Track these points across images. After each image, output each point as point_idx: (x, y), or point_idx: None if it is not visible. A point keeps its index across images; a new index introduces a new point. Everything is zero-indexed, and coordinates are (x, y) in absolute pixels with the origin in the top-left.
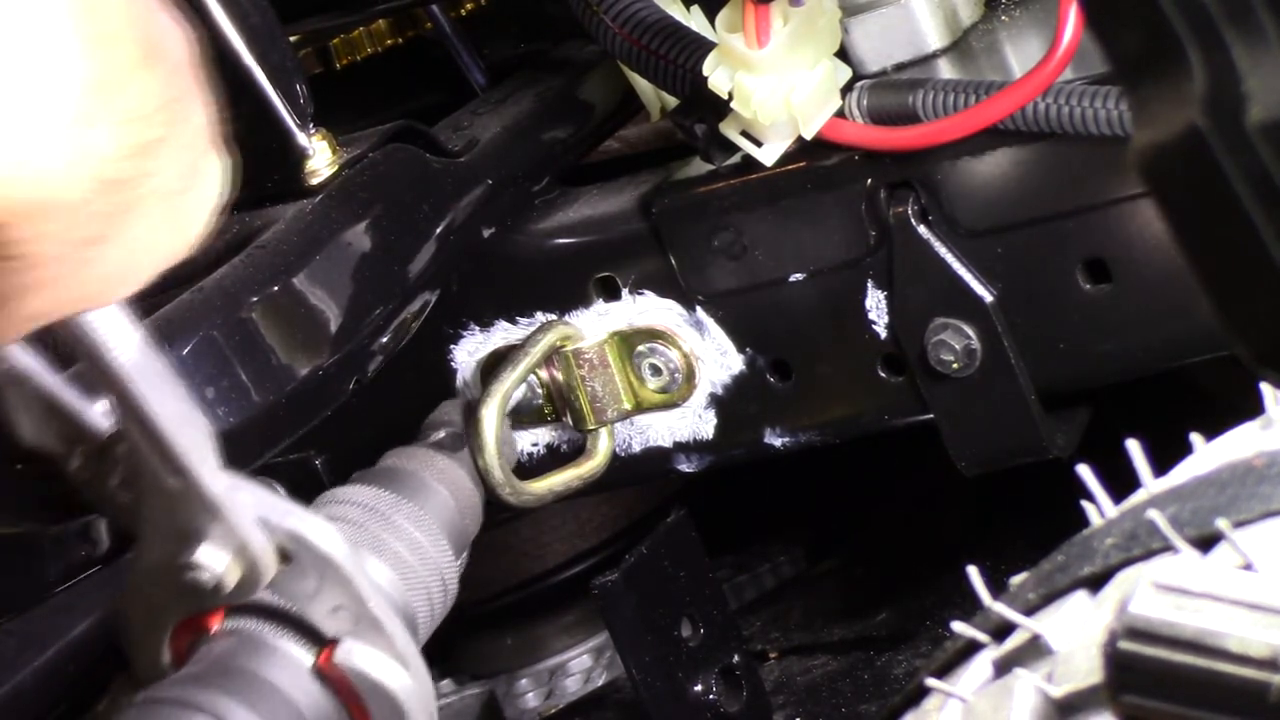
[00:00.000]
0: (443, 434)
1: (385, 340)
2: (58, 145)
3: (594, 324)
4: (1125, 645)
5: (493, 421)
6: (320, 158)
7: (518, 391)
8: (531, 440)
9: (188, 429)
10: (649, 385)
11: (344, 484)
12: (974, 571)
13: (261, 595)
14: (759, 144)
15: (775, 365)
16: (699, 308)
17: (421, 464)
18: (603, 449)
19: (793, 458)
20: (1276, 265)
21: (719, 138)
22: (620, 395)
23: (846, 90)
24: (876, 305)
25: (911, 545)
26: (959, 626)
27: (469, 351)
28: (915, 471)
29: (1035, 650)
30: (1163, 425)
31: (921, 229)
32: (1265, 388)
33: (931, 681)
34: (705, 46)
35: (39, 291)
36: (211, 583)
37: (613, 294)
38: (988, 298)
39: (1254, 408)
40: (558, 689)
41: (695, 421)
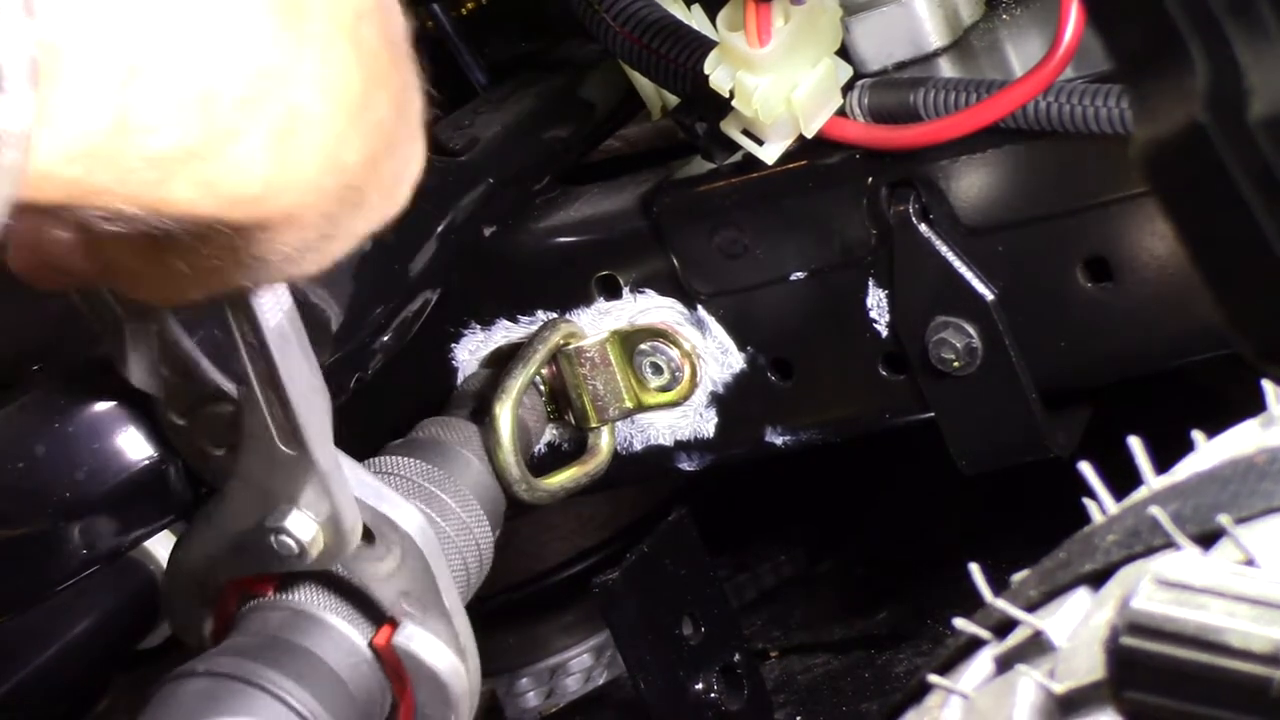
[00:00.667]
0: (475, 405)
1: (386, 339)
2: (318, 159)
3: (595, 322)
4: (1127, 641)
5: (508, 418)
6: None
7: None
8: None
9: (315, 399)
10: (650, 384)
11: (382, 453)
12: (975, 569)
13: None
14: (760, 142)
15: (776, 364)
16: (700, 306)
17: (456, 434)
18: (605, 446)
19: (793, 457)
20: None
21: (720, 136)
22: (622, 394)
23: (847, 89)
24: (877, 304)
25: (911, 544)
26: (961, 623)
27: (470, 350)
28: (915, 471)
29: (1037, 647)
30: (1164, 422)
31: (922, 227)
32: (1267, 384)
33: (933, 678)
34: (706, 45)
35: (251, 273)
36: (295, 549)
37: (614, 292)
38: (989, 296)
39: (1256, 404)
40: (558, 688)
41: (696, 420)
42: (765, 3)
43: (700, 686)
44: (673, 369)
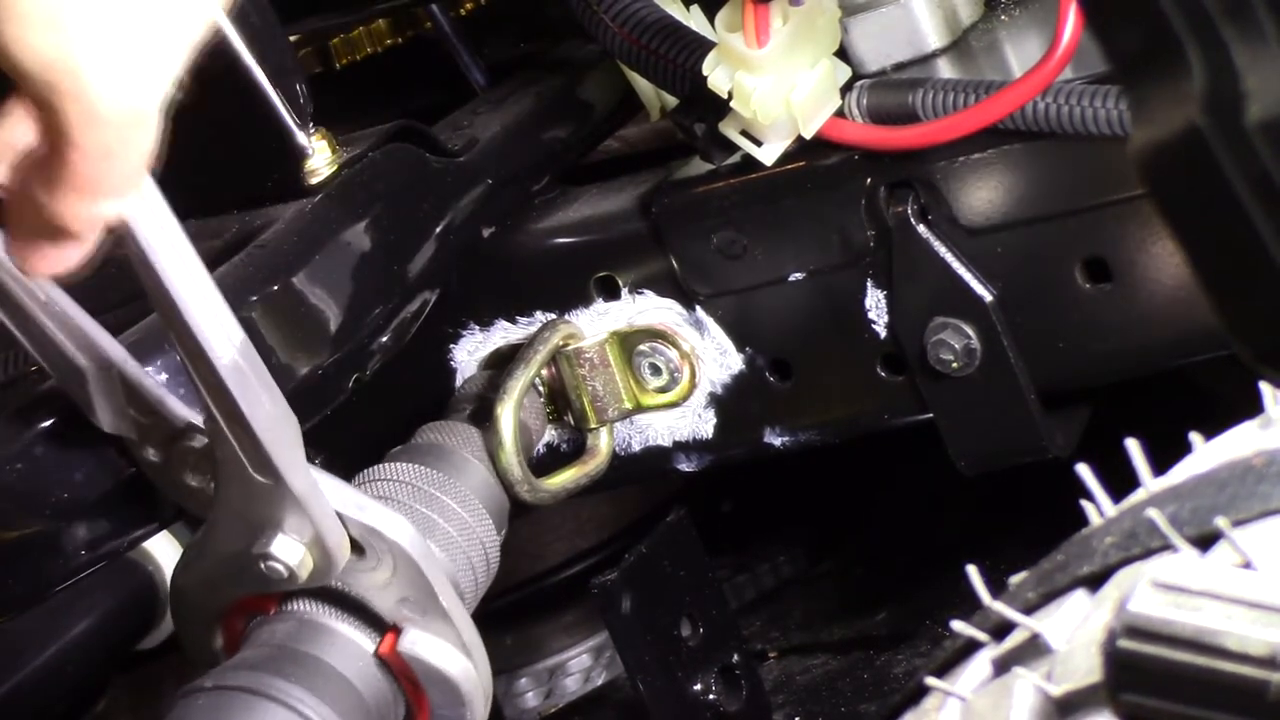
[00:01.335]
0: (475, 407)
1: (385, 339)
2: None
3: (594, 323)
4: (1124, 644)
5: (510, 420)
6: (320, 157)
7: None
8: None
9: (280, 428)
10: (649, 385)
11: (384, 460)
12: (973, 571)
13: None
14: (759, 143)
15: (775, 365)
16: (699, 307)
17: (458, 438)
18: (604, 447)
19: (793, 457)
20: (1276, 264)
21: (718, 137)
22: (621, 394)
23: (846, 90)
24: (876, 304)
25: (911, 545)
26: (958, 626)
27: (469, 351)
28: (915, 471)
29: (1035, 649)
30: (1162, 424)
31: (921, 228)
32: (1264, 387)
33: (931, 680)
34: (705, 46)
35: None
36: (284, 573)
37: (612, 293)
38: (987, 297)
39: (1253, 407)
40: (557, 688)
41: (695, 421)
42: (764, 4)
43: (699, 687)
44: (671, 370)
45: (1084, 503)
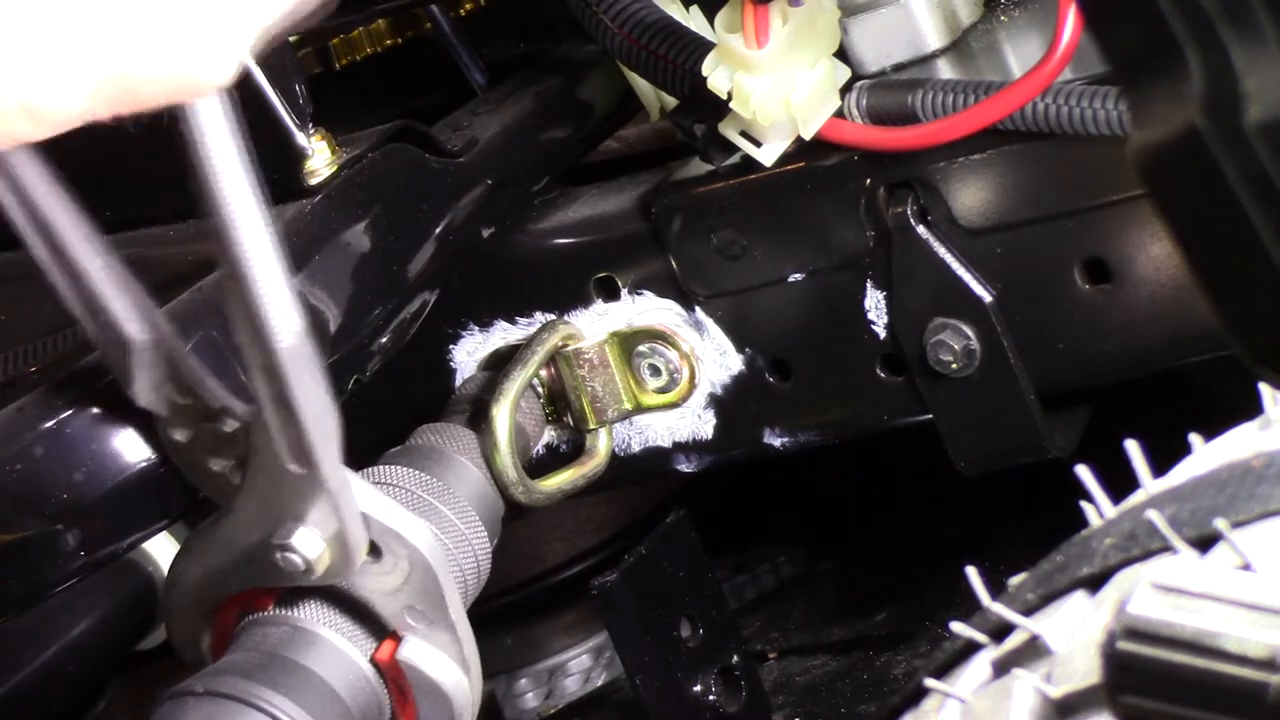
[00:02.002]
0: (473, 408)
1: (384, 340)
2: None
3: (593, 324)
4: (1124, 645)
5: (505, 421)
6: (319, 158)
7: None
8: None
9: (323, 419)
10: (648, 385)
11: (380, 462)
12: (973, 572)
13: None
14: (758, 144)
15: (774, 365)
16: (698, 308)
17: (454, 441)
18: (603, 448)
19: (792, 458)
20: (1275, 265)
21: (718, 138)
22: (620, 395)
23: (845, 90)
24: (875, 305)
25: (911, 545)
26: (958, 627)
27: (468, 351)
28: (915, 471)
29: (1034, 651)
30: (1162, 426)
31: (920, 229)
32: (1264, 388)
33: (930, 682)
34: (704, 46)
35: None
36: (301, 566)
37: (612, 294)
38: (987, 298)
39: (1253, 408)
40: (557, 689)
41: (694, 421)
42: (763, 4)
43: (699, 688)
44: (671, 370)
45: (1083, 504)
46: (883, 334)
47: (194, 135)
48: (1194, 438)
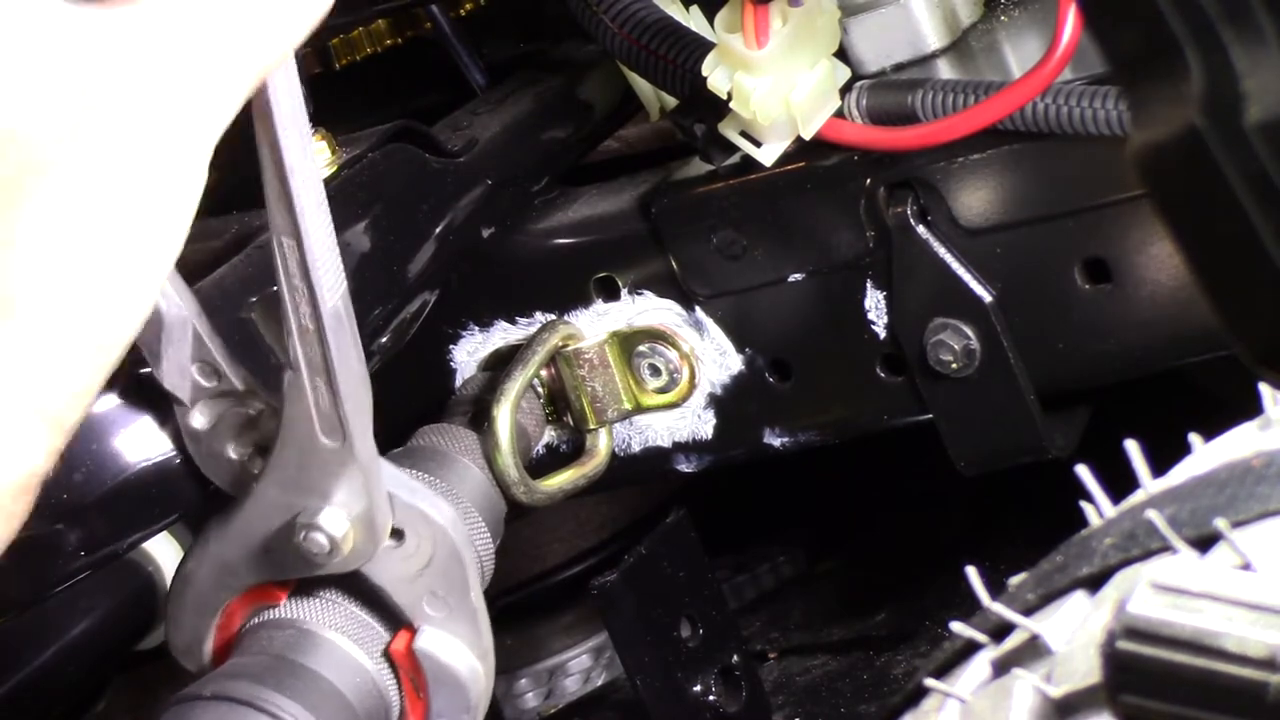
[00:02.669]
0: (473, 408)
1: (384, 340)
2: None
3: (593, 324)
4: (1123, 645)
5: (507, 422)
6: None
7: None
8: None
9: (360, 390)
10: (648, 385)
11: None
12: (973, 572)
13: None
14: (758, 144)
15: (774, 365)
16: (698, 308)
17: (455, 441)
18: (603, 448)
19: (792, 458)
20: (1275, 265)
21: (718, 138)
22: (620, 395)
23: (845, 90)
24: (876, 305)
25: (911, 545)
26: (958, 627)
27: (468, 352)
28: (915, 471)
29: (1034, 650)
30: (1161, 426)
31: (920, 229)
32: (1264, 388)
33: (930, 682)
34: (704, 47)
35: None
36: (326, 547)
37: (612, 294)
38: (987, 298)
39: (1252, 408)
40: (557, 689)
41: (694, 421)
42: (763, 4)
43: (699, 688)
44: (671, 370)
45: (1083, 504)
46: (883, 334)
47: (264, 88)
48: (1194, 438)
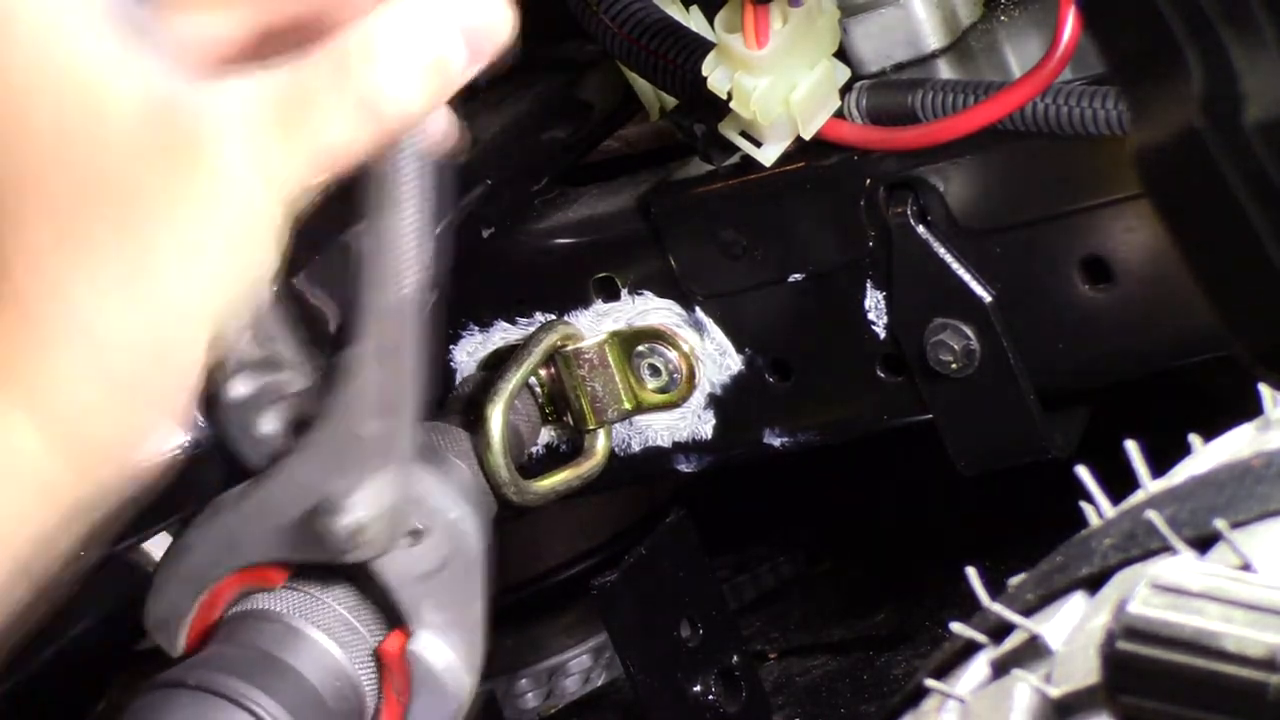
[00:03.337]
0: (468, 408)
1: None
2: None
3: (593, 324)
4: (1123, 645)
5: (499, 421)
6: None
7: None
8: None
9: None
10: (648, 385)
11: None
12: (972, 572)
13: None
14: (758, 144)
15: (774, 365)
16: (698, 308)
17: (449, 441)
18: (601, 449)
19: (792, 458)
20: (1274, 265)
21: (718, 138)
22: (620, 395)
23: (845, 90)
24: (875, 305)
25: (911, 545)
26: (957, 627)
27: (468, 352)
28: (915, 471)
29: (1033, 651)
30: (1161, 426)
31: (920, 229)
32: (1263, 388)
33: (930, 682)
34: (704, 47)
35: None
36: (344, 536)
37: (612, 294)
38: (987, 298)
39: (1252, 408)
40: (557, 689)
41: (694, 421)
42: (763, 4)
43: (698, 688)
44: (671, 371)
45: (1083, 504)
46: (883, 334)
47: None
48: (1193, 438)
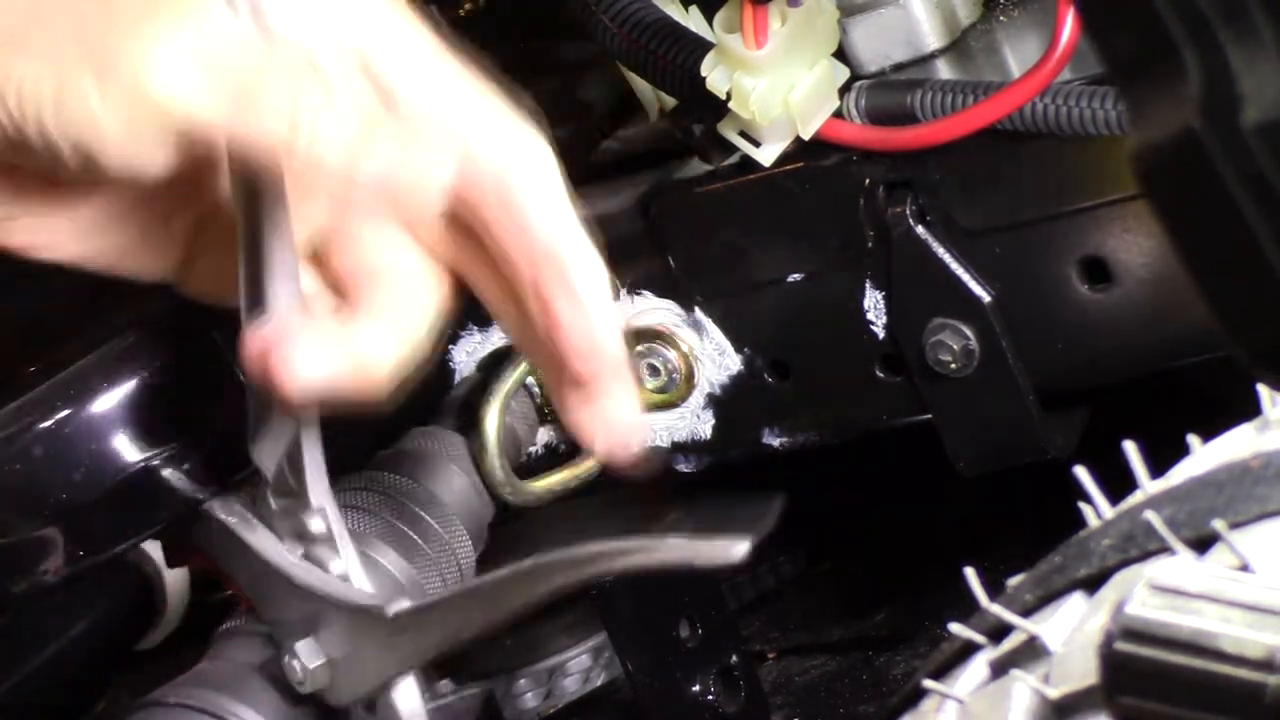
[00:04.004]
0: (465, 409)
1: None
2: None
3: None
4: (1121, 646)
5: (494, 421)
6: None
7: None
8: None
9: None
10: (647, 385)
11: (370, 466)
12: (971, 573)
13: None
14: (757, 144)
15: (773, 365)
16: (697, 308)
17: (442, 445)
18: None
19: (792, 458)
20: (1272, 266)
21: (717, 138)
22: None
23: (844, 90)
24: (874, 305)
25: (911, 545)
26: (956, 628)
27: (468, 351)
28: (914, 472)
29: (1032, 652)
30: (1160, 426)
31: (919, 229)
32: (1262, 389)
33: (928, 683)
34: (703, 46)
35: None
36: (299, 673)
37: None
38: (986, 298)
39: (1251, 409)
40: (556, 689)
41: (693, 422)
42: (762, 4)
43: (698, 688)
44: (670, 370)
45: (1082, 505)
46: (882, 334)
47: None
48: (1192, 439)
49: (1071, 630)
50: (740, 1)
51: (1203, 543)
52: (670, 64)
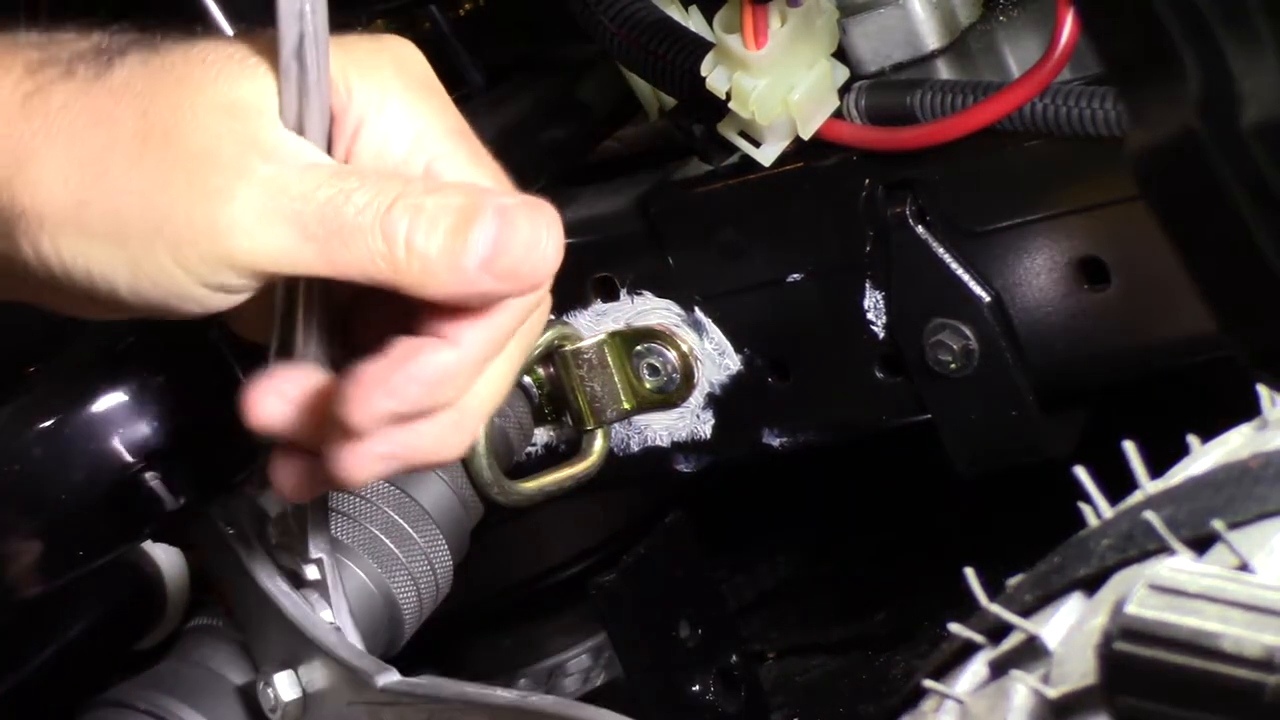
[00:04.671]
0: None
1: None
2: None
3: (592, 324)
4: (1120, 646)
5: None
6: None
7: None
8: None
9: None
10: (647, 385)
11: None
12: (971, 573)
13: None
14: (757, 144)
15: (773, 365)
16: (697, 308)
17: None
18: (597, 449)
19: (792, 458)
20: (1271, 267)
21: (717, 138)
22: (619, 395)
23: (844, 90)
24: (874, 305)
25: (910, 545)
26: (955, 628)
27: None
28: (914, 471)
29: (1031, 652)
30: (1159, 426)
31: (919, 229)
32: (1261, 389)
33: (928, 683)
34: (703, 47)
35: None
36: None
37: (611, 294)
38: (985, 298)
39: (1250, 409)
40: (556, 689)
41: (693, 421)
42: (762, 5)
43: (697, 688)
44: (670, 370)
45: (1081, 505)
46: (881, 334)
47: None
48: (1191, 439)
49: (1071, 630)
50: (740, 1)
51: (1202, 543)
52: (670, 64)
